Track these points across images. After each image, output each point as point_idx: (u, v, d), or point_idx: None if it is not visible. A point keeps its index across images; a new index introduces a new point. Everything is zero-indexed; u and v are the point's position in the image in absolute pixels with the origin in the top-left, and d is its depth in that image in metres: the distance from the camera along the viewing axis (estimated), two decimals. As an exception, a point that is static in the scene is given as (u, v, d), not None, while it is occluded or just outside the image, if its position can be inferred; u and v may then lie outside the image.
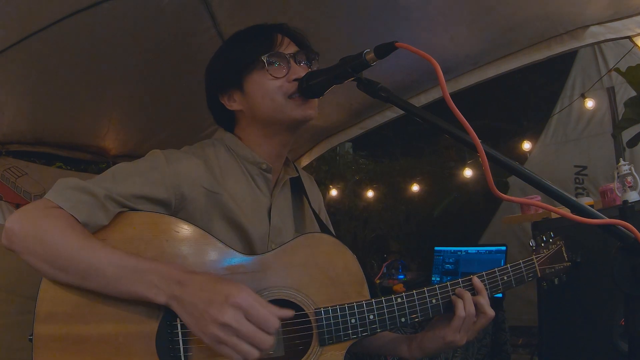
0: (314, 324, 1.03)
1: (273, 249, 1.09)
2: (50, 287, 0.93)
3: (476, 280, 1.14)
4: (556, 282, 1.22)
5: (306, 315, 1.04)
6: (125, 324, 0.93)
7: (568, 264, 1.24)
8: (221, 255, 1.03)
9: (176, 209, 1.08)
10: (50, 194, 0.97)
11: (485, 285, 1.15)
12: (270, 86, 1.13)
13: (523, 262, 1.20)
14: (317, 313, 1.04)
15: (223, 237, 1.09)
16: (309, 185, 1.37)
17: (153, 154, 1.11)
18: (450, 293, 1.13)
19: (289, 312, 0.94)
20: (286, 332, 1.03)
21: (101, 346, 0.92)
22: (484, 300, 1.12)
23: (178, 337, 0.94)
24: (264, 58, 1.13)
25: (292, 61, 1.15)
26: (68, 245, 0.91)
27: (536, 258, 1.22)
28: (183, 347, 0.93)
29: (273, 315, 0.89)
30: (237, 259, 1.05)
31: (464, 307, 1.10)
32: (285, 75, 1.13)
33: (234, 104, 1.19)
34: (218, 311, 0.85)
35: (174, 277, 0.91)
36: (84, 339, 0.92)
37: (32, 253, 0.93)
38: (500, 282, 1.17)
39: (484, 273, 1.17)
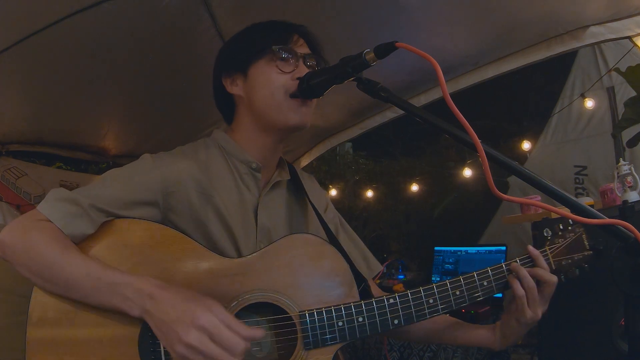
0: (298, 328, 1.00)
1: (256, 251, 1.07)
2: (40, 293, 0.97)
3: (532, 250, 1.09)
4: (577, 273, 1.12)
5: (290, 319, 1.01)
6: (109, 328, 0.96)
7: (589, 252, 1.12)
8: (203, 259, 1.03)
9: (165, 209, 1.09)
10: (40, 206, 1.01)
11: (482, 286, 1.08)
12: (274, 79, 1.12)
13: None
14: (302, 316, 1.00)
15: (218, 238, 1.10)
16: (310, 185, 1.35)
17: (142, 158, 1.13)
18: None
19: (258, 332, 0.91)
20: (271, 337, 1.02)
21: (88, 349, 0.94)
22: (541, 270, 1.07)
23: (159, 340, 0.94)
24: (276, 49, 1.13)
25: (301, 61, 1.15)
26: (51, 258, 0.95)
27: (550, 249, 1.11)
28: (164, 350, 0.95)
29: (238, 337, 0.88)
30: (219, 262, 1.04)
31: (522, 284, 1.05)
32: (291, 72, 1.13)
33: (235, 87, 1.19)
34: (183, 332, 0.86)
35: (147, 291, 0.92)
36: (72, 343, 0.95)
37: (21, 264, 0.97)
38: (508, 278, 1.09)
39: (488, 268, 1.09)
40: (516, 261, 1.09)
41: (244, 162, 1.19)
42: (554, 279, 1.07)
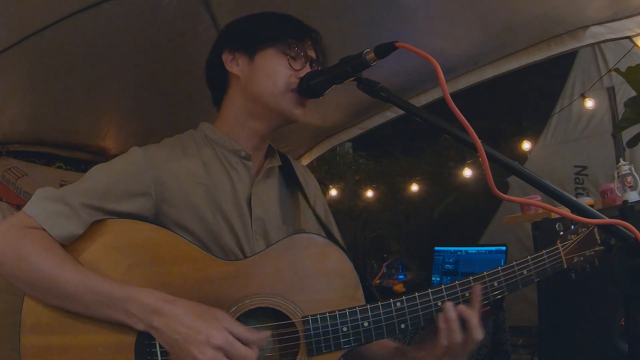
0: (301, 334, 0.96)
1: (257, 253, 1.04)
2: (32, 299, 0.95)
3: (477, 290, 1.00)
4: (588, 270, 1.07)
5: (293, 325, 0.97)
6: (104, 335, 0.93)
7: (601, 248, 1.07)
8: (199, 262, 0.99)
9: (158, 200, 1.06)
10: (26, 206, 0.97)
11: (492, 287, 1.02)
12: (281, 72, 1.11)
13: (547, 252, 1.06)
14: (305, 322, 0.97)
15: (218, 230, 1.08)
16: (303, 175, 1.32)
17: (130, 151, 1.10)
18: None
19: (265, 334, 0.93)
20: (272, 343, 0.99)
21: (83, 356, 0.92)
22: (474, 320, 0.99)
23: (156, 348, 0.93)
24: (292, 42, 1.12)
25: (308, 64, 1.15)
26: (46, 271, 0.92)
27: (562, 246, 1.06)
28: (161, 359, 0.93)
29: (252, 353, 0.90)
30: (217, 265, 1.00)
31: (447, 335, 0.98)
32: (298, 70, 1.12)
33: (235, 67, 1.15)
34: (198, 351, 0.87)
35: (152, 307, 0.91)
36: (67, 349, 0.93)
37: (12, 275, 0.94)
38: (519, 278, 1.03)
39: (500, 269, 1.03)
40: (443, 295, 1.01)
41: (233, 151, 1.16)
42: (480, 337, 0.99)
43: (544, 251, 1.07)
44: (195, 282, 0.98)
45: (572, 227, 1.10)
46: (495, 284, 1.03)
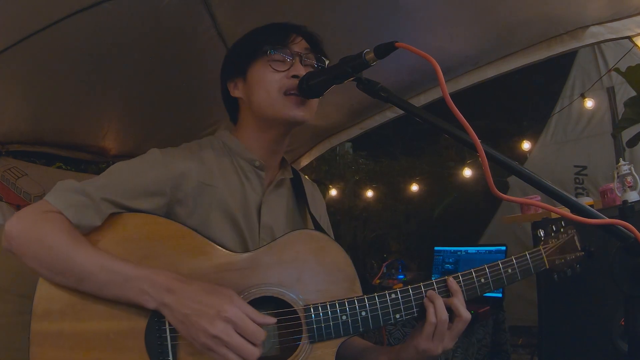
0: (303, 321, 1.02)
1: (262, 246, 1.09)
2: (46, 286, 0.98)
3: (451, 281, 1.09)
4: (569, 274, 1.16)
5: (295, 313, 1.03)
6: (115, 321, 0.96)
7: (581, 253, 1.17)
8: (208, 253, 1.05)
9: (172, 201, 1.10)
10: (48, 195, 1.01)
11: (479, 282, 1.10)
12: (269, 78, 1.14)
13: (529, 254, 1.15)
14: (307, 310, 1.03)
15: (220, 231, 1.11)
16: (311, 191, 1.38)
17: (150, 152, 1.15)
18: (424, 295, 1.08)
19: (271, 319, 0.98)
20: (275, 330, 1.04)
21: (94, 342, 0.95)
22: (459, 302, 1.07)
23: (166, 333, 0.96)
24: (268, 49, 1.14)
25: (297, 59, 1.16)
26: (63, 250, 0.95)
27: (544, 249, 1.16)
28: (171, 344, 0.96)
29: (260, 328, 0.93)
30: (225, 256, 1.05)
31: (435, 312, 1.05)
32: (285, 70, 1.14)
33: (236, 91, 1.22)
34: (209, 324, 0.90)
35: (164, 285, 0.94)
36: (78, 336, 0.95)
37: (30, 256, 0.97)
38: (504, 275, 1.12)
39: (485, 266, 1.12)
40: (434, 288, 1.09)
41: (248, 160, 1.21)
42: (469, 316, 1.07)
43: (526, 252, 1.15)
44: (204, 272, 1.02)
45: (553, 233, 1.19)
46: (482, 280, 1.12)
